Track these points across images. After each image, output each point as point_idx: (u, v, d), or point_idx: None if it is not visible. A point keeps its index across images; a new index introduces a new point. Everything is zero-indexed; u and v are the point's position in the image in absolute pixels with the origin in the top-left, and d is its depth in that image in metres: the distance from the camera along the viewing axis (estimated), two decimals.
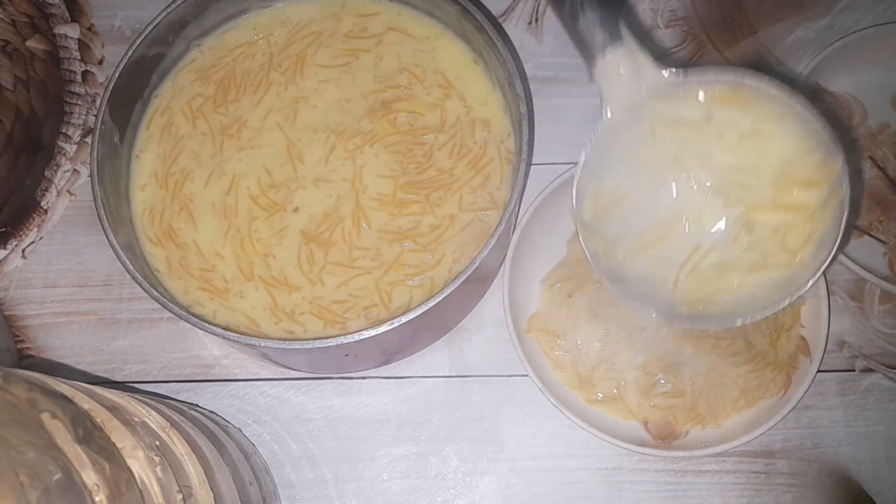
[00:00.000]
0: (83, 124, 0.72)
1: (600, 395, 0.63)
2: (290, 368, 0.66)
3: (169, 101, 0.66)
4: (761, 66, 0.73)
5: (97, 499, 0.37)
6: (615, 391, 0.63)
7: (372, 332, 0.54)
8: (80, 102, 0.72)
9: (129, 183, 0.64)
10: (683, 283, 0.53)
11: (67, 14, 0.75)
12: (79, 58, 0.73)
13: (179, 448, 0.47)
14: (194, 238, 0.63)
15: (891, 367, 0.65)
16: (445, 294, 0.55)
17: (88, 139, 0.72)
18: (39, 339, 0.68)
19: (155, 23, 0.62)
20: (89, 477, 0.37)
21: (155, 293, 0.56)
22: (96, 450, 0.39)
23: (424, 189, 0.63)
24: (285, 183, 0.63)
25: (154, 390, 0.67)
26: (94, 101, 0.73)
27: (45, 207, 0.70)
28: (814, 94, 0.69)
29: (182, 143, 0.65)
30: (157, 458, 0.43)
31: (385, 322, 0.54)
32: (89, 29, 0.76)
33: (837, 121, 0.69)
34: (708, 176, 0.52)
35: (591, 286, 0.65)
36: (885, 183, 0.68)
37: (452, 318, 0.67)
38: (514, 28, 0.75)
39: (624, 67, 0.52)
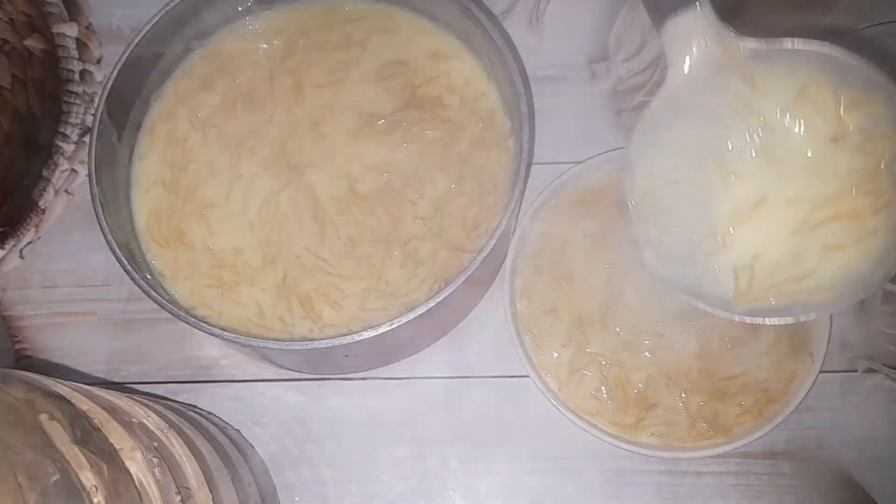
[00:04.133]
0: (81, 123, 0.72)
1: (582, 408, 0.62)
2: (289, 369, 0.66)
3: (173, 108, 0.66)
4: None
5: (95, 500, 0.37)
6: (598, 411, 0.62)
7: (372, 333, 0.54)
8: (78, 101, 0.72)
9: (131, 184, 0.65)
10: (750, 275, 0.49)
11: (65, 13, 0.74)
12: (77, 57, 0.73)
13: (178, 449, 0.47)
14: (205, 238, 0.63)
15: (893, 368, 0.65)
16: (445, 294, 0.55)
17: (86, 138, 0.72)
18: (37, 339, 0.68)
19: (153, 21, 0.62)
20: (87, 478, 0.37)
21: (153, 293, 0.56)
22: (94, 451, 0.39)
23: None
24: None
25: (152, 391, 0.66)
26: (92, 100, 0.73)
27: (42, 207, 0.70)
28: None
29: (193, 153, 0.65)
30: (155, 460, 0.43)
31: (384, 322, 0.54)
32: (87, 28, 0.75)
33: None
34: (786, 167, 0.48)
35: (544, 280, 0.64)
36: None
37: (452, 318, 0.67)
38: (515, 27, 0.75)
39: (696, 32, 0.48)
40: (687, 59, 0.49)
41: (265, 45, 0.67)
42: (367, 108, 0.66)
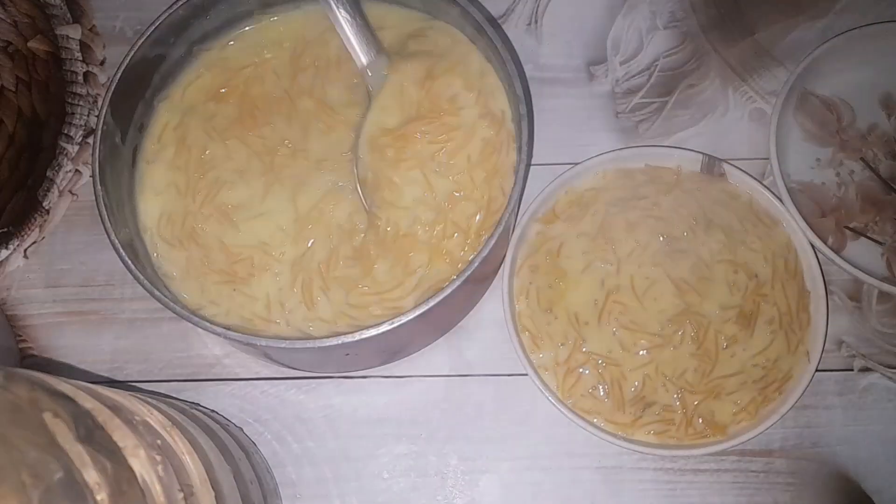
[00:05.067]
0: (85, 125, 0.72)
1: (579, 406, 0.62)
2: (291, 367, 0.67)
3: (181, 116, 0.66)
4: (757, 66, 0.73)
5: (99, 498, 0.37)
6: (595, 409, 0.62)
7: (372, 332, 0.54)
8: (81, 103, 0.72)
9: (135, 185, 0.65)
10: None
11: (69, 15, 0.75)
12: (80, 59, 0.74)
13: (181, 447, 0.47)
14: (222, 237, 0.64)
15: (889, 367, 0.66)
16: (445, 294, 0.55)
17: (90, 140, 0.72)
18: (41, 338, 0.68)
19: (156, 24, 0.62)
20: (91, 476, 0.37)
21: (156, 293, 0.56)
22: (98, 449, 0.39)
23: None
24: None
25: (156, 389, 0.67)
26: (95, 101, 0.73)
27: (46, 208, 0.70)
28: (802, 99, 0.69)
29: (213, 162, 0.65)
30: (158, 457, 0.43)
31: (385, 321, 0.55)
32: (91, 30, 0.76)
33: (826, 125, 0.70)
34: None
35: (541, 279, 0.65)
36: (878, 183, 0.68)
37: (452, 317, 0.67)
38: (514, 29, 0.75)
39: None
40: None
41: (269, 55, 0.68)
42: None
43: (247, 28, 0.68)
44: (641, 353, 0.62)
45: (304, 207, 0.64)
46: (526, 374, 0.62)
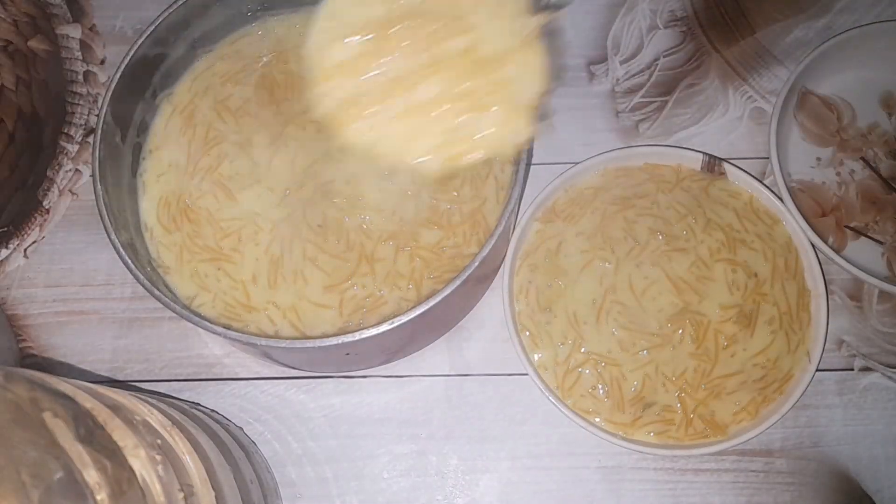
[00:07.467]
0: (85, 124, 0.72)
1: (579, 406, 0.62)
2: (291, 367, 0.67)
3: (192, 97, 0.67)
4: (759, 66, 0.73)
5: (99, 497, 0.37)
6: (595, 409, 0.62)
7: (373, 332, 0.54)
8: (81, 102, 0.72)
9: (136, 184, 0.65)
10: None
11: (69, 14, 0.75)
12: (80, 58, 0.74)
13: (181, 447, 0.47)
14: (212, 211, 0.64)
15: (889, 367, 0.66)
16: (445, 293, 0.55)
17: (90, 139, 0.72)
18: (41, 338, 0.68)
19: (156, 23, 0.62)
20: (91, 476, 0.37)
21: (156, 292, 0.56)
22: (98, 449, 0.39)
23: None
24: None
25: (156, 389, 0.67)
26: (95, 100, 0.74)
27: (46, 207, 0.71)
28: (802, 98, 0.69)
29: (218, 138, 0.66)
30: (158, 457, 0.43)
31: (386, 321, 0.55)
32: (91, 29, 0.76)
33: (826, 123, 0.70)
34: None
35: (540, 278, 0.65)
36: (878, 183, 0.68)
37: (453, 317, 0.67)
38: None
39: None
40: None
41: (265, 59, 0.68)
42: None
43: (251, 22, 0.68)
44: (641, 352, 0.62)
45: (299, 169, 0.64)
46: (526, 374, 0.62)
